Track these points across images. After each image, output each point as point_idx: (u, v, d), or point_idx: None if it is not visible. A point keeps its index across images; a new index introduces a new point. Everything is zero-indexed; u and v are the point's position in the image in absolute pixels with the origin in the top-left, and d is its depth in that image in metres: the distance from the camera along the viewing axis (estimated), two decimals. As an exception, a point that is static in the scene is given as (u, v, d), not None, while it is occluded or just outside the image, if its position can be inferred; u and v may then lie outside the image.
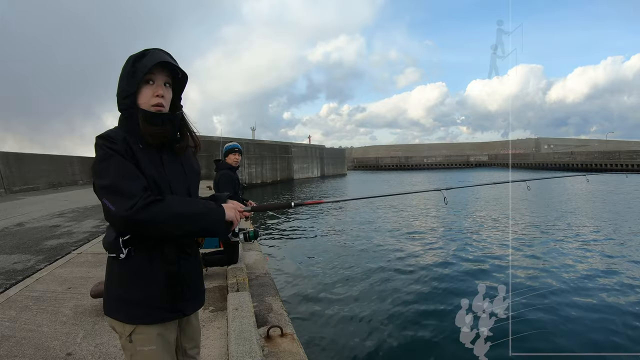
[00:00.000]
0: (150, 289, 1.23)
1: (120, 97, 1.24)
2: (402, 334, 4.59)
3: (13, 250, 5.19)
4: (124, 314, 1.23)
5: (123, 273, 1.23)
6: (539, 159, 66.29)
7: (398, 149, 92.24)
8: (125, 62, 1.24)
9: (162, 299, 1.24)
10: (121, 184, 1.10)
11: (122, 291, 1.23)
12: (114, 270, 1.25)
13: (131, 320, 1.22)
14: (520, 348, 2.92)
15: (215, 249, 4.12)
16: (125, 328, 1.23)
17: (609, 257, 7.87)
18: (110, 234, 1.23)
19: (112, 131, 1.22)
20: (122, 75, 1.24)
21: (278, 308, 3.33)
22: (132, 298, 1.22)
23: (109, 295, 1.27)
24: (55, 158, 18.73)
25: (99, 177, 1.14)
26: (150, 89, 1.24)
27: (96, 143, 1.17)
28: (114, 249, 1.21)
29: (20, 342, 2.54)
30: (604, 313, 5.02)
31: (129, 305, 1.22)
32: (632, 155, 51.76)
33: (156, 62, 1.21)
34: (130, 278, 1.22)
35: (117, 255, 1.21)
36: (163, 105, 1.25)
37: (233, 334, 2.44)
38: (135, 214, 1.08)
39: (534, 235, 10.21)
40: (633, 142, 77.94)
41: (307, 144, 49.78)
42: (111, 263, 1.26)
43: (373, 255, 8.46)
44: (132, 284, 1.22)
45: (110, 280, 1.27)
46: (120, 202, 1.08)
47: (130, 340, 1.22)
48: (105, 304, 1.28)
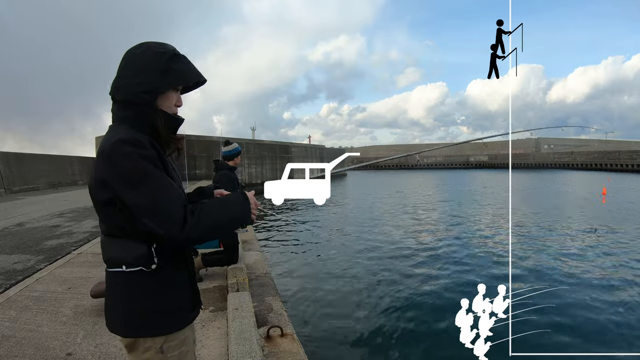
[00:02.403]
0: (181, 294, 1.21)
1: (139, 88, 1.11)
2: (402, 333, 4.60)
3: (13, 250, 5.19)
4: (155, 327, 1.15)
5: (153, 284, 1.15)
6: (539, 159, 66.34)
7: (398, 149, 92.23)
8: (154, 54, 1.14)
9: (189, 302, 1.24)
10: (167, 205, 1.04)
11: (152, 304, 1.15)
12: (137, 284, 1.14)
13: (165, 330, 1.16)
14: (520, 348, 2.91)
15: (215, 249, 4.12)
16: (156, 341, 1.16)
17: (609, 257, 7.87)
18: (131, 247, 1.12)
19: (132, 133, 1.09)
20: (147, 67, 1.12)
21: (278, 308, 3.33)
22: (166, 308, 1.17)
23: (129, 313, 1.14)
24: (55, 158, 18.75)
25: (136, 194, 1.03)
26: (176, 95, 1.21)
27: (122, 151, 1.04)
28: (142, 262, 1.12)
29: (20, 342, 2.54)
30: (604, 313, 5.03)
31: (163, 315, 1.16)
32: (632, 155, 51.78)
33: (196, 80, 1.20)
34: (162, 287, 1.16)
35: (146, 267, 1.12)
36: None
37: (233, 334, 2.43)
38: (188, 235, 1.06)
39: (534, 234, 10.21)
40: (633, 142, 77.90)
41: (307, 144, 49.76)
42: (130, 277, 1.13)
43: (373, 255, 8.46)
44: (165, 293, 1.16)
45: (130, 296, 1.14)
46: (169, 226, 1.04)
47: (161, 351, 1.16)
48: (122, 324, 1.15)
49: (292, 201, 20.56)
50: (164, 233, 1.04)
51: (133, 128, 1.12)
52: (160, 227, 1.04)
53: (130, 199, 1.04)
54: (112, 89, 1.16)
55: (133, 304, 1.14)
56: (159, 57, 1.14)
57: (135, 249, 1.11)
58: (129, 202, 1.04)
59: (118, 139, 1.06)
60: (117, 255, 1.13)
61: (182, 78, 1.17)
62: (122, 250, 1.13)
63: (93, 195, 1.15)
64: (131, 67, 1.13)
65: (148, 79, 1.12)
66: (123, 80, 1.13)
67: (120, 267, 1.13)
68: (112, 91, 1.16)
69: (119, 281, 1.15)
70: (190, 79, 1.20)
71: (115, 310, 1.16)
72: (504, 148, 77.08)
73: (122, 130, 1.10)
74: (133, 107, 1.13)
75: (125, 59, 1.15)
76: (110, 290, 1.19)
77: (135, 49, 1.16)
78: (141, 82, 1.11)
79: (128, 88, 1.12)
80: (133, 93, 1.12)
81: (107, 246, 1.17)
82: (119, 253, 1.13)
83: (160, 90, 1.15)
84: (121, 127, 1.12)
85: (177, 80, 1.17)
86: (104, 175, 1.07)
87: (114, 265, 1.14)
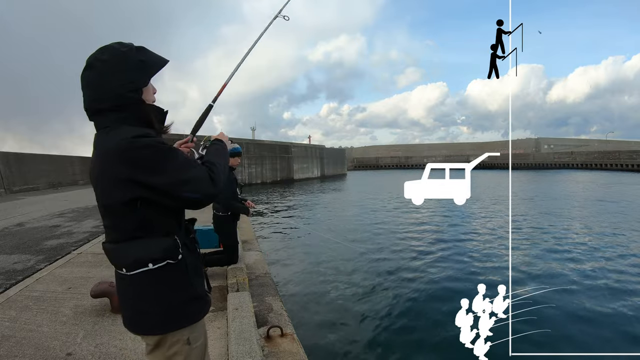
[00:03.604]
0: (201, 279, 1.28)
1: (126, 89, 1.13)
2: (402, 333, 4.60)
3: (13, 250, 5.19)
4: (188, 316, 1.19)
5: (182, 274, 1.18)
6: (539, 159, 66.32)
7: (398, 149, 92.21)
8: (122, 53, 1.14)
9: (206, 284, 1.32)
10: (193, 172, 1.13)
11: (185, 293, 1.19)
12: (168, 277, 1.16)
13: (196, 318, 1.21)
14: (520, 348, 2.91)
15: (215, 249, 4.12)
16: (184, 333, 1.19)
17: (610, 256, 7.87)
18: (157, 243, 1.15)
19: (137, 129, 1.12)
20: (123, 68, 1.13)
21: (278, 308, 3.33)
22: (195, 294, 1.22)
23: (164, 308, 1.16)
24: (55, 158, 18.75)
25: (167, 176, 1.08)
26: (151, 85, 1.24)
27: (139, 144, 1.07)
28: (170, 255, 1.16)
29: (20, 342, 2.54)
30: (604, 313, 5.02)
31: (194, 303, 1.21)
32: (632, 155, 51.79)
33: (165, 64, 1.23)
34: (188, 275, 1.21)
35: (173, 258, 1.16)
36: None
37: (233, 334, 2.44)
38: (218, 187, 1.16)
39: (534, 234, 10.21)
40: (633, 142, 77.85)
41: (307, 144, 49.75)
42: (159, 273, 1.15)
43: (373, 255, 8.46)
44: (192, 280, 1.21)
45: (162, 291, 1.16)
46: (203, 187, 1.13)
47: (188, 342, 1.19)
48: (158, 323, 1.16)
49: (292, 201, 20.57)
50: (201, 195, 1.12)
51: (132, 126, 1.13)
52: (197, 191, 1.12)
53: (163, 182, 1.08)
54: (90, 102, 1.15)
55: (167, 298, 1.16)
56: (127, 54, 1.15)
57: (162, 243, 1.15)
58: (162, 186, 1.08)
59: (131, 136, 1.08)
60: (142, 255, 1.13)
61: (156, 65, 1.21)
62: (147, 248, 1.14)
63: (108, 201, 1.13)
64: (106, 73, 1.13)
65: (129, 77, 1.14)
66: (102, 88, 1.13)
67: (146, 266, 1.14)
68: (92, 104, 1.15)
69: (148, 281, 1.15)
70: (162, 63, 1.23)
71: (146, 311, 1.16)
72: (504, 148, 77.16)
73: (125, 130, 1.11)
74: (125, 109, 1.14)
75: (94, 68, 1.14)
76: (135, 294, 1.17)
77: (99, 55, 1.15)
78: (124, 84, 1.13)
79: (112, 93, 1.12)
80: (120, 96, 1.13)
81: (127, 250, 1.15)
82: (143, 252, 1.14)
83: (143, 85, 1.18)
84: (122, 128, 1.12)
85: (153, 69, 1.20)
86: (125, 174, 1.07)
87: (139, 266, 1.14)
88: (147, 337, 1.19)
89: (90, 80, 1.14)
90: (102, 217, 1.20)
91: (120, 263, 1.16)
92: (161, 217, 1.17)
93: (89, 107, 1.16)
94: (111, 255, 1.19)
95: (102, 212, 1.19)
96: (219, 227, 3.97)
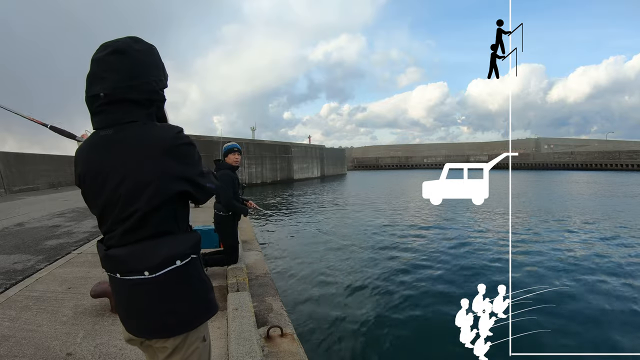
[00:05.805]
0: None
1: (159, 86, 1.13)
2: (401, 333, 4.59)
3: (13, 250, 5.19)
4: (211, 308, 1.20)
5: (201, 268, 1.21)
6: (539, 159, 66.31)
7: (398, 149, 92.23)
8: (155, 50, 1.15)
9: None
10: (205, 168, 1.22)
11: (205, 285, 1.20)
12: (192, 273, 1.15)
13: (211, 312, 1.21)
14: (520, 348, 2.91)
15: (215, 249, 4.12)
16: (200, 330, 1.19)
17: (610, 256, 7.87)
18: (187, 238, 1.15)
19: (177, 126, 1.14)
20: (161, 65, 1.15)
21: (278, 308, 3.33)
22: (210, 285, 1.24)
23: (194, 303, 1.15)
24: (55, 158, 18.74)
25: (200, 170, 1.16)
26: None
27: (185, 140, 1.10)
28: (195, 249, 1.17)
29: (20, 342, 2.53)
30: (605, 313, 5.02)
31: (211, 294, 1.22)
32: (632, 155, 51.80)
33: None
34: (203, 269, 1.24)
35: (196, 253, 1.18)
36: None
37: (233, 334, 2.44)
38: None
39: (534, 234, 10.21)
40: (633, 142, 77.86)
41: (307, 144, 49.74)
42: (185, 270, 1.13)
43: (373, 255, 8.46)
44: (205, 274, 1.24)
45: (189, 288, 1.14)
46: (213, 179, 1.22)
47: (204, 339, 1.20)
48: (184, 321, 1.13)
49: (291, 201, 20.56)
50: (215, 187, 1.22)
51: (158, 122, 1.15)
52: (212, 182, 1.21)
53: (198, 176, 1.15)
54: (115, 88, 1.04)
55: (192, 293, 1.15)
56: (157, 53, 1.16)
57: (190, 238, 1.16)
58: (197, 179, 1.14)
59: (176, 131, 1.10)
60: (171, 252, 1.09)
61: (166, 72, 1.20)
62: (178, 245, 1.11)
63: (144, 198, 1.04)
64: (142, 64, 1.08)
65: (163, 75, 1.16)
66: (137, 79, 1.06)
67: (174, 264, 1.09)
68: (118, 91, 1.04)
69: (174, 279, 1.10)
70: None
71: (174, 311, 1.11)
72: (504, 148, 77.04)
73: (161, 125, 1.12)
74: (152, 105, 1.12)
75: (128, 54, 1.06)
76: (162, 296, 1.09)
77: (133, 44, 1.08)
78: (159, 80, 1.13)
79: (148, 86, 1.08)
80: (154, 91, 1.11)
81: (154, 249, 1.08)
82: (172, 250, 1.09)
83: (166, 86, 1.18)
84: (155, 124, 1.12)
85: (167, 74, 1.20)
86: (175, 169, 1.07)
87: (167, 265, 1.08)
88: (168, 340, 1.12)
89: (122, 66, 1.04)
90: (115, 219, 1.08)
91: (139, 267, 1.06)
92: (185, 212, 1.19)
93: (113, 93, 1.03)
94: (126, 259, 1.07)
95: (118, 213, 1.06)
96: (220, 227, 3.97)
